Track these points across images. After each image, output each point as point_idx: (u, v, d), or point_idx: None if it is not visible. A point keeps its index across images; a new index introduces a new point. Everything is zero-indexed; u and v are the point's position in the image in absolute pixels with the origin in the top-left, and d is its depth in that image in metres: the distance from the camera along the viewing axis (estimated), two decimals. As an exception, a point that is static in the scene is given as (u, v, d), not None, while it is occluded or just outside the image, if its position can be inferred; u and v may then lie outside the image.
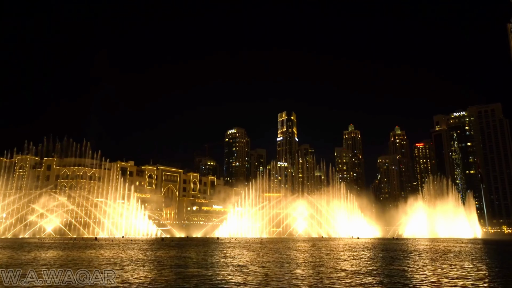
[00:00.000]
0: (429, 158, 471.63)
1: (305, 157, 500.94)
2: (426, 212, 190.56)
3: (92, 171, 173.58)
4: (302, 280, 28.22)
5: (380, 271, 34.04)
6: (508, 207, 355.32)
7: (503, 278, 31.73)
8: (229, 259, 45.04)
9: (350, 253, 57.99)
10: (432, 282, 27.55)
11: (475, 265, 40.49)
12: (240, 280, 27.57)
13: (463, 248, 74.52)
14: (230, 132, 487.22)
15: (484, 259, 49.82)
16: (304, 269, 35.72)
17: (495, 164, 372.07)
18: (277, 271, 33.05)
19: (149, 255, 51.41)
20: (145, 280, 27.13)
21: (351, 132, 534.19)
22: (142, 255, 50.20)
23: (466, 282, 27.56)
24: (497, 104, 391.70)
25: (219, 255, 52.75)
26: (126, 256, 47.69)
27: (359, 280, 28.37)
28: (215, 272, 31.92)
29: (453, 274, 32.18)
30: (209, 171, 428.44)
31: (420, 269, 36.19)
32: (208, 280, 27.46)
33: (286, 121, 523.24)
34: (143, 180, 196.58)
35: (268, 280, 27.71)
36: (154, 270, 33.21)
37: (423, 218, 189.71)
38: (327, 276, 30.51)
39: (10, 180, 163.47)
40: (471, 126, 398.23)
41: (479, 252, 63.60)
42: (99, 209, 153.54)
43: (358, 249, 68.99)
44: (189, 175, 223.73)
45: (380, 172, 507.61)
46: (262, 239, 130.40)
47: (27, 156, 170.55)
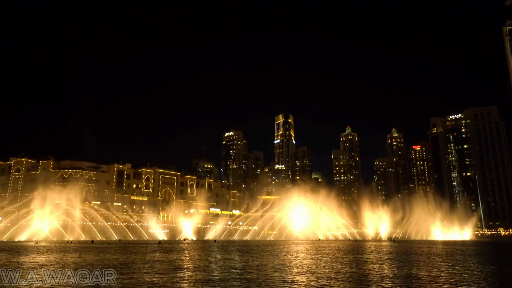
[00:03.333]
0: (426, 160, 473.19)
1: (302, 160, 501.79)
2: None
3: (89, 174, 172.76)
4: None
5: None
6: (505, 209, 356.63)
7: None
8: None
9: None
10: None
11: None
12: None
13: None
14: (228, 135, 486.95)
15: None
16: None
17: (492, 166, 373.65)
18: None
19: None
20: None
21: (348, 134, 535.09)
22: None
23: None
24: (493, 106, 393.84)
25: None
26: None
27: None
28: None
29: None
30: (207, 173, 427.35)
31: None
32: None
33: (284, 123, 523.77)
34: (140, 183, 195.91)
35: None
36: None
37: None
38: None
39: (6, 183, 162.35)
40: (467, 129, 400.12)
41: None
42: (95, 212, 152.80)
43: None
44: (186, 177, 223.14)
45: (377, 174, 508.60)
46: (259, 242, 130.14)
47: (23, 159, 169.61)
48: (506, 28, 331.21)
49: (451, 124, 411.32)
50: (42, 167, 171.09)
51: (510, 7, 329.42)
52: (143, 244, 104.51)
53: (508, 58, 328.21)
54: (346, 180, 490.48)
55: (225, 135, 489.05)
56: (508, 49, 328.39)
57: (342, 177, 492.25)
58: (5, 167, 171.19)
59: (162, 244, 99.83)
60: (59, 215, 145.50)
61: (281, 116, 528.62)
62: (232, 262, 44.94)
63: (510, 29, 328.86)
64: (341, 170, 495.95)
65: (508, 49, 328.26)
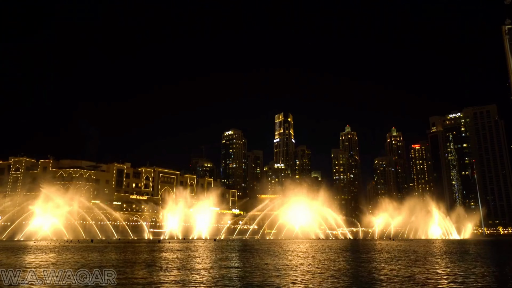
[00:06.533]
0: (425, 159, 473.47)
1: (302, 159, 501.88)
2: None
3: (89, 173, 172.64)
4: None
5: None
6: (504, 208, 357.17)
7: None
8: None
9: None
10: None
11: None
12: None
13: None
14: (227, 134, 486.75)
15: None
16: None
17: (491, 165, 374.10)
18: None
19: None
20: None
21: (348, 133, 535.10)
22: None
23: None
24: (492, 105, 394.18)
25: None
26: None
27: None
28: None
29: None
30: (206, 172, 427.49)
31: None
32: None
33: (283, 122, 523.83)
34: (140, 182, 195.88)
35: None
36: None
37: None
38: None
39: (5, 182, 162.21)
40: (466, 127, 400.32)
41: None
42: (95, 212, 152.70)
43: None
44: (186, 176, 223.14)
45: (377, 173, 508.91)
46: (259, 240, 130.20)
47: (23, 158, 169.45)
48: (506, 27, 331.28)
49: (451, 123, 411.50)
50: (42, 166, 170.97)
51: (510, 6, 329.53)
52: (143, 243, 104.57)
53: (508, 57, 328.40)
54: (346, 179, 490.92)
55: (225, 134, 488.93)
56: (507, 48, 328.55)
57: (341, 176, 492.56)
58: (4, 166, 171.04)
59: (162, 243, 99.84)
60: (59, 214, 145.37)
61: (280, 115, 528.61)
62: (231, 262, 44.96)
63: (510, 28, 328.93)
64: (340, 169, 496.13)
65: (507, 48, 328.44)
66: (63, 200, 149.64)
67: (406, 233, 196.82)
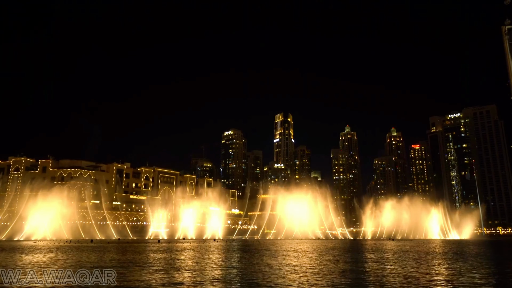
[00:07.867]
0: (425, 159, 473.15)
1: (301, 159, 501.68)
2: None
3: (88, 173, 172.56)
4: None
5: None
6: (503, 208, 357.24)
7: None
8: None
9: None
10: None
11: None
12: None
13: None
14: (227, 134, 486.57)
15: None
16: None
17: (490, 166, 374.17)
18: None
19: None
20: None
21: (348, 133, 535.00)
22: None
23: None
24: (492, 105, 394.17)
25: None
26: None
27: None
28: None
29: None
30: (206, 172, 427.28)
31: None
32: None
33: (283, 122, 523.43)
34: (140, 182, 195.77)
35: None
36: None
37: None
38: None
39: (5, 182, 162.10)
40: (466, 128, 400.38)
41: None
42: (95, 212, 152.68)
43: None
44: (186, 176, 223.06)
45: (376, 173, 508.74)
46: (259, 240, 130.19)
47: (22, 158, 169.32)
48: (505, 27, 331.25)
49: (450, 123, 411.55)
50: (41, 166, 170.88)
51: (510, 6, 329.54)
52: (142, 243, 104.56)
53: (507, 57, 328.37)
54: (346, 179, 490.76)
55: (225, 134, 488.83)
56: (507, 48, 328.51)
57: (341, 176, 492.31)
58: (4, 166, 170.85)
59: (162, 243, 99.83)
60: (58, 214, 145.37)
61: (280, 115, 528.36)
62: (230, 261, 44.98)
63: (509, 28, 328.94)
64: (340, 169, 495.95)
65: (507, 48, 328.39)
66: (63, 200, 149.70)
67: (406, 233, 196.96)
